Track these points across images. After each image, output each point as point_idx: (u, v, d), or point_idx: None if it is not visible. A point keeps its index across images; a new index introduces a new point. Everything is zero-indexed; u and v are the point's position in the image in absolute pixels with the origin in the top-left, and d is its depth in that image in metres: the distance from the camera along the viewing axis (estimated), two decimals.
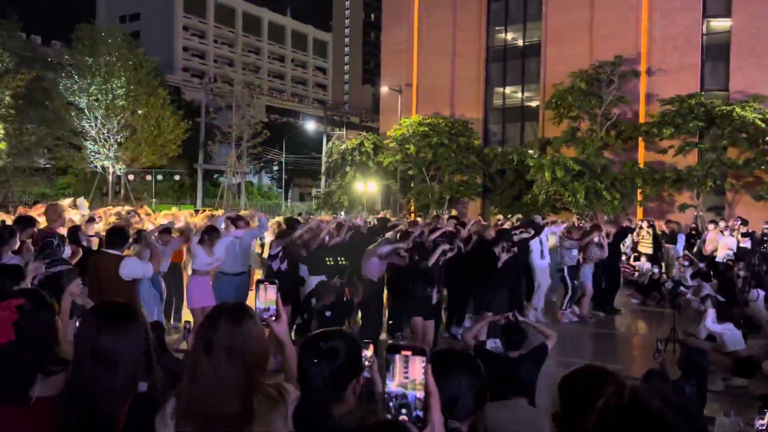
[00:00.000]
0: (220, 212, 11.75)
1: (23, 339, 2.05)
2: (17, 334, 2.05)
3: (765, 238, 13.94)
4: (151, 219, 10.61)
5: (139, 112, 29.16)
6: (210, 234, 7.29)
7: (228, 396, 1.82)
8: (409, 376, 1.29)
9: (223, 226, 7.83)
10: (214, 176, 41.27)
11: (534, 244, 10.67)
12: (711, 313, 7.41)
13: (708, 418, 4.86)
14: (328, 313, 5.59)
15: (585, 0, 25.99)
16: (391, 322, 8.58)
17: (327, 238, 8.40)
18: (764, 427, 3.18)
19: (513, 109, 29.59)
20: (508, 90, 29.95)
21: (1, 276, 3.43)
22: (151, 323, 5.13)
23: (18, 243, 5.62)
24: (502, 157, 26.82)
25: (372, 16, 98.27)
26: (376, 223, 11.73)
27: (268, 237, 9.69)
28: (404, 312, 7.66)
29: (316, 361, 2.00)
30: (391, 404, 1.29)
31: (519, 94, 29.75)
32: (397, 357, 1.30)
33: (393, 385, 1.29)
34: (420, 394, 1.29)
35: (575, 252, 10.87)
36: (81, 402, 1.96)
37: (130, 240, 6.21)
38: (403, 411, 1.28)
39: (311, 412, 1.95)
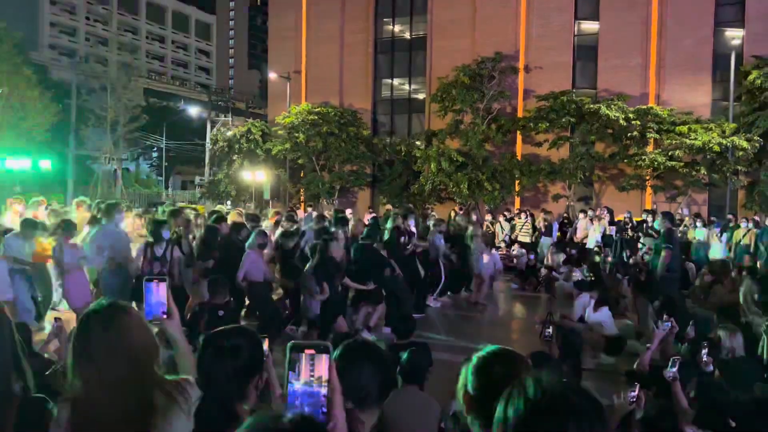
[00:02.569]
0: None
1: None
2: None
3: (626, 226, 15.28)
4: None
5: (0, 91, 26.63)
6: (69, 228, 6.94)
7: (124, 395, 1.77)
8: (314, 374, 1.32)
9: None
10: (87, 163, 38.62)
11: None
12: (591, 303, 7.90)
13: None
14: (220, 313, 5.47)
15: None
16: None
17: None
18: (635, 398, 3.55)
19: (401, 101, 30.11)
20: (395, 82, 30.41)
21: None
22: (16, 324, 4.79)
23: None
24: (390, 147, 27.28)
25: (258, 0, 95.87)
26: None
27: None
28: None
29: (218, 358, 1.98)
30: (297, 402, 1.30)
31: (406, 86, 30.30)
32: (303, 356, 1.31)
33: (299, 384, 1.31)
34: (325, 390, 1.32)
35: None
36: None
37: None
38: (306, 409, 1.30)
39: (214, 410, 1.93)
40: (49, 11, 64.16)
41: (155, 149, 49.96)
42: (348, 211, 15.31)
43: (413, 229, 10.98)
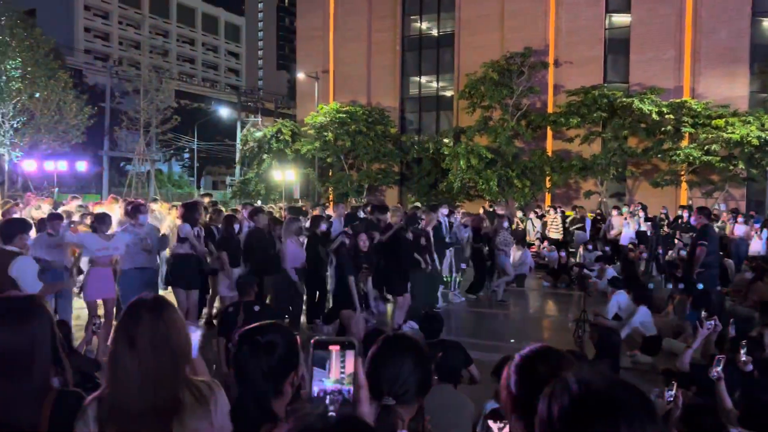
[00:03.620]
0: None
1: None
2: None
3: (662, 223, 14.99)
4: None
5: (38, 95, 27.26)
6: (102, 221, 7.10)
7: (157, 389, 1.79)
8: (345, 372, 1.29)
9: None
10: (121, 164, 39.41)
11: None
12: (646, 313, 7.69)
13: None
14: (256, 308, 5.50)
15: None
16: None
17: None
18: (673, 397, 3.45)
19: (428, 98, 30.02)
20: (423, 79, 30.33)
21: None
22: (56, 321, 4.87)
23: None
24: (418, 145, 27.20)
25: (286, 1, 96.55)
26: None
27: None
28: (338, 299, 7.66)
29: (253, 355, 1.97)
30: (327, 401, 1.28)
31: (434, 84, 30.20)
32: (334, 352, 1.29)
33: (329, 382, 1.28)
34: (351, 387, 1.29)
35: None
36: None
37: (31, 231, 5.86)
38: (331, 408, 1.27)
39: (250, 408, 1.92)
40: (84, 17, 65.56)
41: (187, 150, 50.67)
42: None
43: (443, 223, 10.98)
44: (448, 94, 29.10)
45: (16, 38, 26.53)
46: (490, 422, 1.77)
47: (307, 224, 9.77)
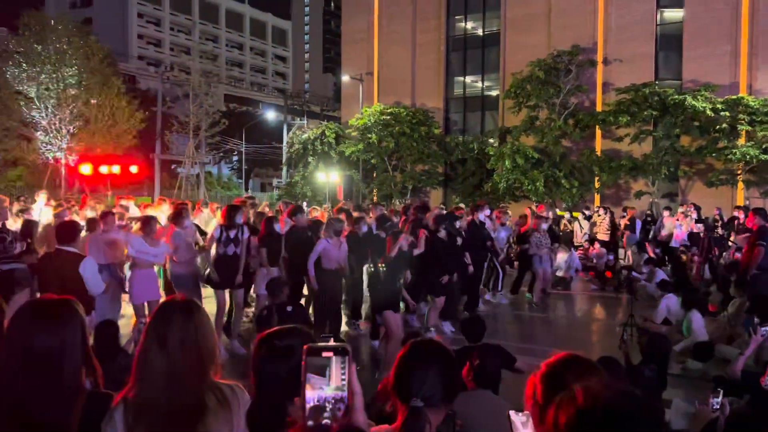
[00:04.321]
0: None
1: None
2: None
3: (716, 224, 14.44)
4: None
5: (93, 101, 28.30)
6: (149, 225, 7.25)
7: (184, 390, 1.81)
8: (345, 378, 1.26)
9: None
10: (172, 167, 40.43)
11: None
12: (698, 318, 7.44)
13: (665, 400, 5.00)
14: (289, 309, 5.53)
15: None
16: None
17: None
18: (718, 405, 3.29)
19: (473, 99, 29.80)
20: (468, 79, 30.12)
21: None
22: (104, 321, 5.00)
23: None
24: (463, 146, 27.02)
25: (332, 4, 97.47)
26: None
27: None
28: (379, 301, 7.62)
29: (271, 359, 1.96)
30: (329, 408, 1.24)
31: (479, 84, 29.96)
32: (335, 359, 1.26)
33: (330, 390, 1.25)
34: (346, 394, 1.26)
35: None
36: (18, 412, 1.86)
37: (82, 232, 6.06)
38: (326, 414, 1.24)
39: (267, 412, 1.91)
40: (137, 24, 67.71)
41: (235, 153, 51.65)
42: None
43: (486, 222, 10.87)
44: (494, 93, 28.82)
45: (72, 47, 27.60)
46: (512, 413, 1.73)
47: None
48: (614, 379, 1.19)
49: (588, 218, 17.41)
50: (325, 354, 1.26)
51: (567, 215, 18.64)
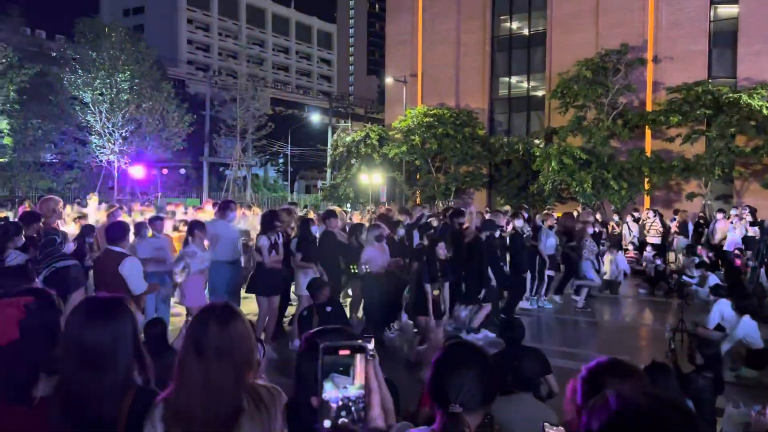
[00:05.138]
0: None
1: (27, 338, 2.05)
2: (21, 332, 2.05)
3: None
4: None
5: (144, 105, 29.15)
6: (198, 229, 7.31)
7: (220, 398, 1.82)
8: (367, 377, 1.26)
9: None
10: (220, 169, 41.30)
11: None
12: (750, 325, 7.15)
13: (717, 409, 4.83)
14: (328, 309, 5.58)
15: None
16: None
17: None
18: None
19: (518, 99, 29.44)
20: (513, 79, 29.77)
21: (5, 277, 3.41)
22: (152, 319, 5.14)
23: (23, 239, 5.63)
24: (507, 147, 26.71)
25: (376, 6, 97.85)
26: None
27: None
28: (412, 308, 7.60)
29: (310, 358, 1.98)
30: (353, 409, 1.23)
31: (524, 84, 29.58)
32: (358, 357, 1.25)
33: (354, 389, 1.24)
34: (363, 392, 1.25)
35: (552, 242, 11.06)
36: (72, 405, 1.92)
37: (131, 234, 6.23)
38: (343, 413, 1.23)
39: (305, 412, 1.93)
40: (187, 30, 69.48)
41: (281, 155, 52.41)
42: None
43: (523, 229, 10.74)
44: (539, 94, 28.39)
45: (125, 53, 28.51)
46: (546, 426, 1.71)
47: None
48: (658, 386, 1.16)
49: (636, 220, 17.00)
50: (342, 352, 1.26)
51: (616, 218, 18.21)
